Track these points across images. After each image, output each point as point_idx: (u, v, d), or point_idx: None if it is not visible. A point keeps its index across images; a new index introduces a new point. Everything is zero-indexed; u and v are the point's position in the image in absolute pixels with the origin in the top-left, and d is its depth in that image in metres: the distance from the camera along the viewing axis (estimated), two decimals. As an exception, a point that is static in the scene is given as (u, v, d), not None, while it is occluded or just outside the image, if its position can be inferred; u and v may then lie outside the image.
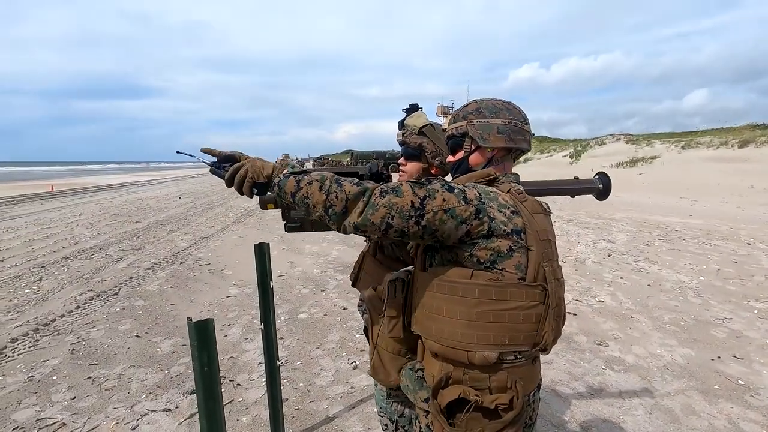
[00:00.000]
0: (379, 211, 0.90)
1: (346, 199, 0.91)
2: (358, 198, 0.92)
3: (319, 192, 0.93)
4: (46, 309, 4.22)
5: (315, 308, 4.24)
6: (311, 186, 0.94)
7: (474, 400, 0.95)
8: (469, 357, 0.96)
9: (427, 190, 0.92)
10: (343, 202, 0.91)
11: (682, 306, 4.14)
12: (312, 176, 0.96)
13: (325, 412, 2.53)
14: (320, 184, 0.94)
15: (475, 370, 0.98)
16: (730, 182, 16.31)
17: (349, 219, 0.92)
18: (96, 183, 28.02)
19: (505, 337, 0.95)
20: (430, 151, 1.41)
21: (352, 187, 0.92)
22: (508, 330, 0.95)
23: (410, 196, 0.91)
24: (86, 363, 3.13)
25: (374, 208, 0.90)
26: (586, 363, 3.08)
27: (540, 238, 0.99)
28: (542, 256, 0.98)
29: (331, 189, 0.92)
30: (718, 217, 9.37)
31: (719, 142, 22.78)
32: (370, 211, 0.90)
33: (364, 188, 0.93)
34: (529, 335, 0.97)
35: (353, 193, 0.92)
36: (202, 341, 1.08)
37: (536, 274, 0.96)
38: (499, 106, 1.12)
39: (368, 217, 0.90)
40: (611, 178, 1.57)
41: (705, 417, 2.43)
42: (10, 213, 11.75)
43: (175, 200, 14.74)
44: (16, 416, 2.49)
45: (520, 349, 0.98)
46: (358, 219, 0.91)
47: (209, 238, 7.87)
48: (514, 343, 0.96)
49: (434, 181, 0.96)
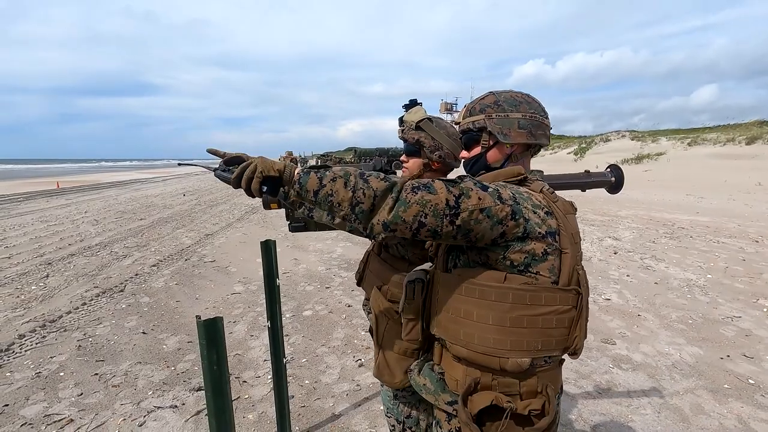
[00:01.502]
0: (412, 209, 0.83)
1: (374, 195, 0.84)
2: (386, 194, 0.85)
3: (344, 189, 0.85)
4: (53, 305, 4.24)
5: (320, 305, 4.23)
6: (335, 183, 0.86)
7: (508, 407, 0.92)
8: (501, 363, 0.93)
9: (461, 188, 0.87)
10: (371, 198, 0.84)
11: (690, 304, 4.10)
12: (335, 172, 0.88)
13: (331, 409, 2.52)
14: (345, 180, 0.86)
15: (506, 376, 0.95)
16: (737, 179, 16.14)
17: (378, 217, 0.85)
18: (101, 180, 28.17)
19: (539, 342, 0.92)
20: (429, 145, 1.38)
21: (380, 182, 0.86)
22: (542, 335, 0.92)
23: (445, 194, 0.84)
24: (93, 359, 3.15)
25: (406, 205, 0.83)
26: (593, 361, 3.06)
27: (574, 241, 0.95)
28: (576, 258, 0.95)
29: (357, 185, 0.85)
30: (725, 215, 9.28)
31: (726, 138, 22.55)
32: (401, 207, 0.83)
33: (392, 183, 0.86)
34: (561, 340, 0.94)
35: (381, 188, 0.85)
36: (211, 340, 1.07)
37: (570, 277, 0.93)
38: (518, 98, 1.06)
39: (399, 214, 0.84)
40: (623, 171, 1.52)
41: (715, 416, 2.40)
42: (17, 210, 11.84)
43: (179, 197, 14.79)
44: (24, 412, 2.51)
45: (551, 354, 0.96)
46: (388, 216, 0.84)
47: (214, 235, 7.88)
48: (546, 348, 0.94)
49: (466, 179, 0.91)
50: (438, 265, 1.06)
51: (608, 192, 1.52)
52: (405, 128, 1.41)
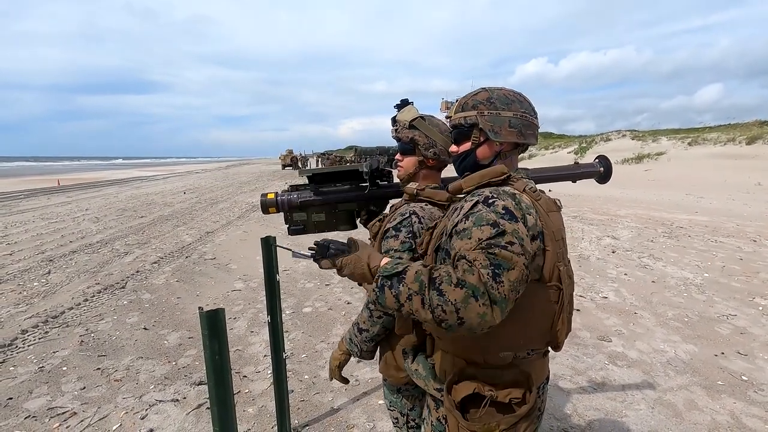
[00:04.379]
0: (512, 296, 0.82)
1: (456, 309, 0.79)
2: (468, 300, 0.79)
3: (422, 308, 0.82)
4: (55, 302, 4.28)
5: (319, 302, 4.27)
6: (412, 302, 0.83)
7: (489, 396, 0.96)
8: (485, 358, 0.98)
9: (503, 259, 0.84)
10: (454, 314, 0.79)
11: (687, 302, 4.14)
12: (409, 286, 0.84)
13: (330, 403, 2.56)
14: (421, 297, 0.82)
15: (489, 368, 0.99)
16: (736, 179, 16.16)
17: (476, 327, 0.79)
18: (102, 178, 28.21)
19: (521, 338, 0.96)
20: (423, 143, 1.40)
21: (456, 290, 0.79)
22: (524, 331, 0.96)
23: (522, 267, 0.83)
24: (95, 354, 3.19)
25: (506, 304, 0.81)
26: (589, 358, 3.10)
27: (555, 238, 0.98)
28: (557, 255, 0.97)
29: (433, 302, 0.80)
30: (724, 214, 9.30)
31: (726, 138, 22.55)
32: (503, 305, 0.80)
33: (471, 287, 0.79)
34: (543, 334, 0.98)
35: (460, 298, 0.79)
36: (213, 330, 1.10)
37: (551, 274, 0.96)
38: (511, 97, 1.07)
39: (503, 313, 0.81)
40: (611, 162, 1.55)
41: (707, 412, 2.44)
42: (18, 207, 11.88)
43: (180, 195, 14.82)
44: (28, 405, 2.55)
45: (534, 348, 1.00)
46: (498, 318, 0.80)
47: (214, 232, 7.92)
48: (529, 342, 0.98)
49: (504, 247, 0.85)
50: (427, 263, 1.09)
51: (597, 182, 1.55)
52: (399, 127, 1.43)
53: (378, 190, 1.53)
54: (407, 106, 1.44)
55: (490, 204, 0.91)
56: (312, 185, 1.53)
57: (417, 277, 0.84)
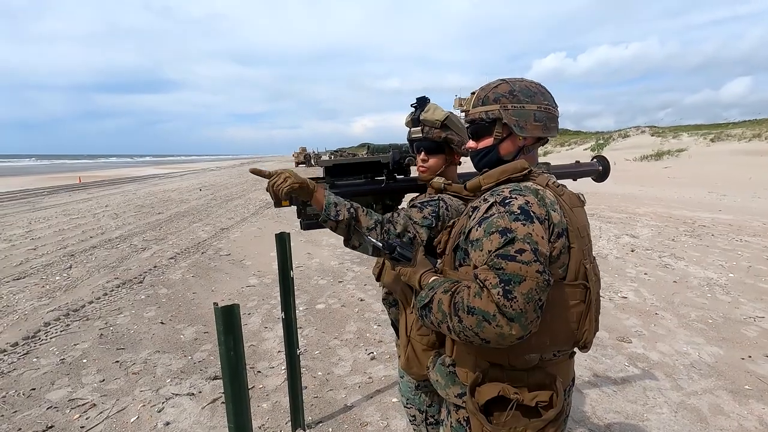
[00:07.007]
0: (530, 306, 0.79)
1: (475, 333, 0.81)
2: (480, 326, 0.80)
3: (451, 334, 0.87)
4: (76, 295, 4.39)
5: (333, 299, 4.27)
6: (442, 329, 0.90)
7: (514, 398, 0.92)
8: (510, 360, 0.94)
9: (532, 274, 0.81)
10: (476, 337, 0.82)
11: (710, 303, 4.00)
12: (435, 315, 0.89)
13: (344, 401, 2.55)
14: (446, 325, 0.87)
15: (515, 370, 0.95)
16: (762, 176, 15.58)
17: (502, 343, 0.81)
18: (121, 175, 28.89)
19: (547, 338, 0.92)
20: (457, 142, 1.38)
21: (469, 317, 0.81)
22: (551, 332, 0.92)
23: (534, 276, 0.81)
24: (114, 347, 3.25)
25: (525, 317, 0.79)
26: (608, 359, 3.02)
27: (581, 235, 0.94)
28: (583, 253, 0.93)
29: (456, 329, 0.85)
30: (749, 213, 8.97)
31: (751, 134, 21.78)
32: (522, 319, 0.79)
33: (480, 313, 0.80)
34: (570, 335, 0.94)
35: (474, 325, 0.81)
36: (228, 326, 1.09)
37: (577, 272, 0.92)
38: (533, 89, 1.02)
39: (527, 324, 0.79)
40: (610, 162, 1.71)
41: (734, 417, 2.35)
42: (41, 204, 12.25)
43: (195, 192, 15.06)
44: (50, 396, 2.61)
45: (561, 349, 0.96)
46: (520, 332, 0.79)
47: (229, 229, 8.02)
48: (555, 343, 0.94)
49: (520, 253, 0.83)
50: (446, 262, 1.06)
51: (595, 180, 1.67)
52: (428, 128, 1.40)
53: (394, 183, 1.50)
54: (430, 105, 1.40)
55: (506, 204, 0.88)
56: (328, 178, 1.51)
57: (439, 307, 0.89)
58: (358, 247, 1.24)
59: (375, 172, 1.52)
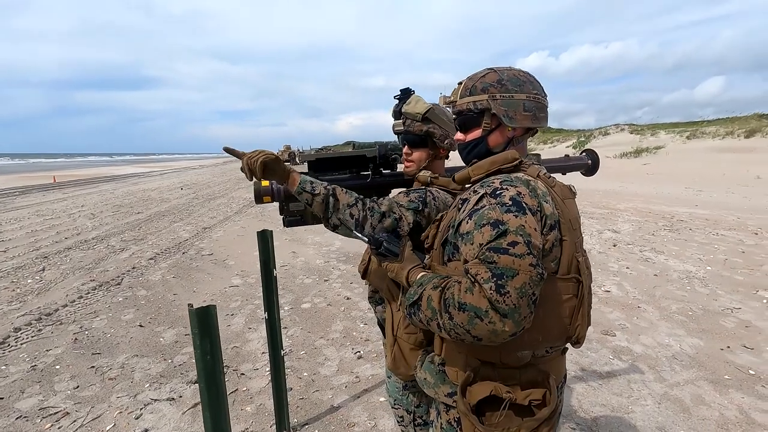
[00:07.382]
0: (524, 301, 0.76)
1: (467, 330, 0.78)
2: (472, 323, 0.77)
3: (441, 331, 0.84)
4: (49, 299, 4.20)
5: (318, 298, 4.21)
6: (432, 326, 0.86)
7: (507, 398, 0.89)
8: (502, 357, 0.91)
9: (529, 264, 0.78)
10: (467, 334, 0.79)
11: (690, 296, 4.09)
12: (425, 313, 0.86)
13: (330, 401, 2.50)
14: (436, 322, 0.84)
15: (506, 368, 0.92)
16: (736, 172, 16.12)
17: (494, 340, 0.78)
18: (98, 174, 28.00)
19: (540, 334, 0.89)
20: (439, 135, 1.34)
21: (460, 314, 0.78)
22: (543, 327, 0.89)
23: (528, 269, 0.77)
24: (89, 352, 3.12)
25: (519, 313, 0.75)
26: (593, 353, 3.05)
27: (572, 227, 0.91)
28: (575, 245, 0.91)
29: (446, 326, 0.81)
30: (724, 207, 9.26)
31: (725, 131, 22.51)
32: (516, 314, 0.75)
33: (474, 309, 0.76)
34: (562, 330, 0.91)
35: (465, 321, 0.78)
36: (204, 328, 1.03)
37: (570, 265, 0.90)
38: (522, 78, 0.99)
39: (521, 319, 0.76)
40: (599, 155, 1.68)
41: (715, 407, 2.39)
42: (13, 204, 11.75)
43: (177, 191, 14.70)
44: (20, 405, 2.48)
45: (553, 345, 0.93)
46: (513, 329, 0.76)
47: (211, 228, 7.84)
48: (547, 339, 0.91)
49: (514, 246, 0.79)
50: (434, 257, 1.03)
51: (584, 174, 1.66)
52: (408, 121, 1.36)
53: (380, 178, 1.46)
54: (412, 97, 1.36)
55: (497, 195, 0.85)
56: (311, 173, 1.46)
57: (428, 304, 0.85)
58: (339, 226, 1.15)
59: (360, 167, 1.48)
